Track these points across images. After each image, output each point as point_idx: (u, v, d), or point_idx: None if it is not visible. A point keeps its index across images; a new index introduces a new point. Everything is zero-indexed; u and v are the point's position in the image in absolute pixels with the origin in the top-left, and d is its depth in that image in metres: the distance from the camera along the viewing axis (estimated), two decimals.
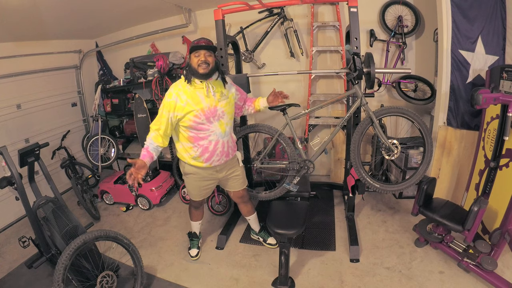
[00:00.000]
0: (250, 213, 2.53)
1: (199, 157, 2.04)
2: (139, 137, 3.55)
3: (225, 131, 2.04)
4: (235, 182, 2.31)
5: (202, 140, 2.00)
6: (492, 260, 1.96)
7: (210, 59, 1.92)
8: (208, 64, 1.91)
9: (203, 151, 2.02)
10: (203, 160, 2.05)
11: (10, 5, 2.37)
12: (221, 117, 2.01)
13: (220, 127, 2.01)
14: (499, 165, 2.00)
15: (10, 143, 3.15)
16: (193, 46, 1.90)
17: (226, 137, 2.06)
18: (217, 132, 2.00)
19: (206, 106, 1.95)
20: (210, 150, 2.02)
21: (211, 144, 2.01)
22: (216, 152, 2.04)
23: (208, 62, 1.90)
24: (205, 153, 2.02)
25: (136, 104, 3.48)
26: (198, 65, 1.89)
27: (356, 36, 2.28)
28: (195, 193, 2.29)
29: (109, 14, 3.35)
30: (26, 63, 3.42)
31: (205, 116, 1.95)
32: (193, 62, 1.92)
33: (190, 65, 1.93)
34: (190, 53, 1.93)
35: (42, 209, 2.19)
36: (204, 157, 2.04)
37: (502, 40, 2.47)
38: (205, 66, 1.90)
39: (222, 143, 2.05)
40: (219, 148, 2.04)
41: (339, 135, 3.39)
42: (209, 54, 1.92)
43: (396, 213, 2.91)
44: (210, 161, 2.06)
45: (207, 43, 1.92)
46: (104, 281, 1.99)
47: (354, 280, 2.15)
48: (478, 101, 1.83)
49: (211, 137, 2.00)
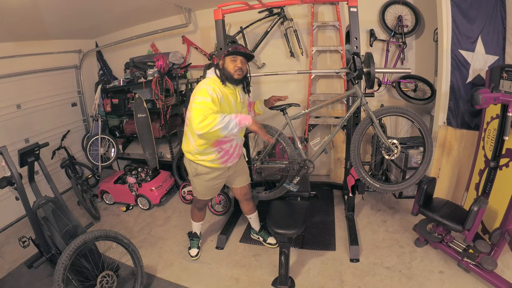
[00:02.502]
0: (251, 212, 2.54)
1: (218, 159, 2.07)
2: (139, 137, 3.55)
3: (242, 134, 2.18)
4: (241, 179, 2.35)
5: (225, 144, 2.04)
6: (492, 260, 1.96)
7: (245, 67, 1.98)
8: (243, 71, 1.96)
9: (224, 154, 2.07)
10: (221, 162, 2.10)
11: (10, 5, 2.37)
12: None
13: (240, 132, 2.07)
14: (499, 165, 2.00)
15: (10, 143, 3.15)
16: (233, 50, 1.92)
17: (240, 139, 2.17)
18: (237, 137, 2.09)
19: (235, 110, 2.01)
20: (231, 153, 2.10)
21: (232, 147, 2.09)
22: (233, 155, 2.13)
23: (243, 69, 1.96)
24: (225, 156, 2.08)
25: (136, 104, 3.48)
26: (234, 70, 1.93)
27: (356, 36, 2.28)
28: (204, 192, 2.29)
29: (109, 14, 3.35)
30: (26, 63, 3.42)
31: None
32: (228, 67, 1.93)
33: (225, 68, 1.94)
34: (226, 55, 1.94)
35: (42, 209, 2.19)
36: (223, 159, 2.09)
37: (502, 40, 2.47)
38: (240, 72, 1.95)
39: (237, 145, 2.14)
40: (236, 150, 2.14)
41: (339, 135, 3.39)
42: (245, 61, 1.98)
43: (396, 213, 2.91)
44: (226, 162, 2.13)
45: (245, 51, 1.96)
46: (104, 281, 1.99)
47: (354, 280, 2.15)
48: (478, 101, 1.83)
49: (234, 141, 2.07)
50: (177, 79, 3.64)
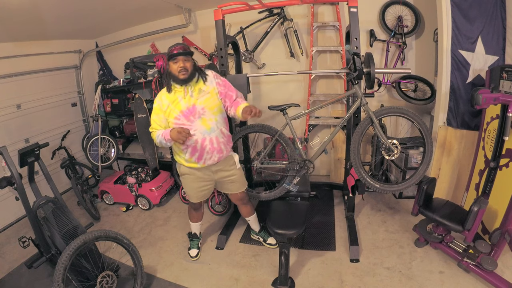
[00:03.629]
0: (249, 214, 2.53)
1: (190, 158, 2.07)
2: (139, 137, 3.55)
3: (210, 127, 2.03)
4: (233, 186, 2.31)
5: (188, 141, 2.01)
6: (492, 260, 1.96)
7: (188, 64, 1.97)
8: (187, 69, 1.96)
9: (192, 151, 2.04)
10: (195, 160, 2.07)
11: (10, 5, 2.37)
12: (202, 114, 2.01)
13: (203, 124, 2.01)
14: (499, 165, 2.00)
15: (10, 143, 3.15)
16: (170, 54, 1.94)
17: (213, 133, 2.04)
18: (200, 130, 2.01)
19: (184, 106, 2.00)
20: (198, 148, 2.03)
21: (198, 142, 2.02)
22: (205, 150, 2.04)
23: (186, 68, 1.95)
24: (195, 153, 2.05)
25: (136, 104, 3.48)
26: (178, 71, 1.95)
27: (356, 36, 2.28)
28: (192, 194, 2.29)
29: (109, 14, 3.35)
30: (26, 63, 3.42)
31: (184, 117, 2.00)
32: (172, 69, 1.97)
33: (171, 72, 1.99)
34: (168, 60, 1.97)
35: (42, 209, 2.19)
36: (195, 157, 2.06)
37: (502, 40, 2.47)
38: (184, 71, 1.95)
39: (210, 140, 2.03)
40: (208, 145, 2.03)
41: (339, 135, 3.39)
42: (186, 59, 1.96)
43: (396, 213, 2.91)
44: (202, 160, 2.07)
45: (183, 49, 1.96)
46: (104, 281, 1.99)
47: (354, 280, 2.15)
48: (478, 101, 1.83)
49: (195, 136, 2.01)
50: None
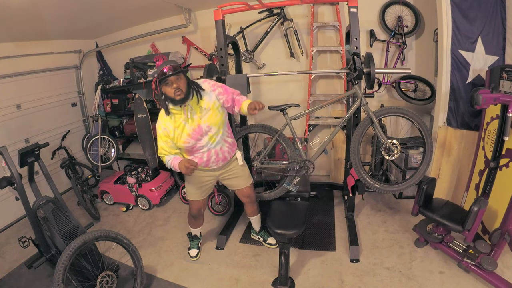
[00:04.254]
0: (254, 214, 2.53)
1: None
2: (139, 137, 3.55)
3: (215, 141, 2.06)
4: (236, 181, 2.33)
5: (196, 153, 2.09)
6: (492, 260, 1.96)
7: (181, 83, 1.85)
8: (181, 89, 1.84)
9: (199, 161, 2.09)
10: (202, 165, 2.13)
11: (10, 5, 2.37)
12: (208, 131, 2.01)
13: (210, 140, 2.04)
14: (499, 165, 2.00)
15: (10, 143, 3.15)
16: (161, 77, 1.82)
17: (218, 145, 2.08)
18: (208, 145, 2.06)
19: (190, 129, 1.97)
20: (205, 160, 2.11)
21: (204, 154, 2.09)
22: (211, 160, 2.12)
23: (180, 87, 1.84)
24: (201, 163, 2.11)
25: (136, 104, 3.48)
26: (173, 93, 1.84)
27: (356, 36, 2.28)
28: (192, 191, 2.29)
29: (109, 14, 3.35)
30: (26, 63, 3.42)
31: (192, 139, 1.99)
32: (167, 92, 1.86)
33: (166, 95, 1.88)
34: (160, 84, 1.86)
35: (42, 209, 2.19)
36: (201, 165, 2.12)
37: (502, 40, 2.47)
38: (179, 91, 1.84)
39: (215, 151, 2.10)
40: (213, 156, 2.11)
41: (339, 135, 3.39)
42: (178, 77, 1.84)
43: (396, 213, 2.91)
44: (208, 166, 2.16)
45: (173, 68, 1.82)
46: (104, 281, 1.99)
47: (354, 280, 2.15)
48: (478, 101, 1.83)
49: (203, 149, 2.07)
50: None
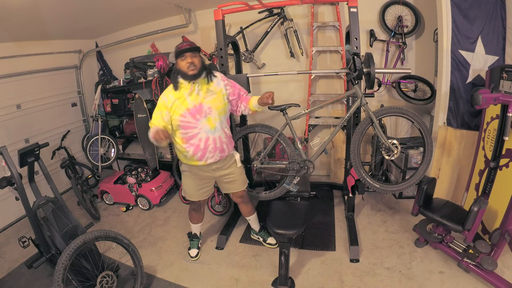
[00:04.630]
0: (250, 214, 2.53)
1: (192, 156, 2.08)
2: (139, 137, 3.55)
3: (214, 127, 2.05)
4: (233, 185, 2.32)
5: (192, 139, 2.04)
6: (492, 260, 1.96)
7: (196, 60, 1.99)
8: (195, 65, 1.97)
9: (195, 150, 2.05)
10: (197, 158, 2.09)
11: (10, 5, 2.37)
12: (208, 113, 2.03)
13: (208, 123, 2.03)
14: (499, 165, 2.00)
15: (10, 143, 3.15)
16: (178, 51, 1.98)
17: (217, 132, 2.06)
18: (205, 129, 2.03)
19: (191, 104, 2.01)
20: (202, 147, 2.05)
21: (202, 141, 2.04)
22: (208, 149, 2.06)
23: (194, 63, 1.97)
24: (198, 152, 2.05)
25: (136, 104, 3.48)
26: (187, 67, 1.97)
27: (356, 36, 2.28)
28: (191, 192, 2.28)
29: (109, 14, 3.35)
30: (26, 63, 3.42)
31: (190, 114, 2.00)
32: (181, 66, 1.99)
33: (180, 69, 2.01)
34: (176, 58, 2.01)
35: (42, 209, 2.19)
36: (197, 156, 2.07)
37: (502, 40, 2.47)
38: (193, 67, 1.97)
39: (214, 139, 2.06)
40: (211, 144, 2.06)
41: (339, 135, 3.39)
42: (194, 55, 1.99)
43: (396, 213, 2.91)
44: (204, 158, 2.09)
45: (190, 45, 1.99)
46: (104, 281, 1.99)
47: (354, 280, 2.15)
48: (478, 101, 1.83)
49: (200, 134, 2.03)
50: None
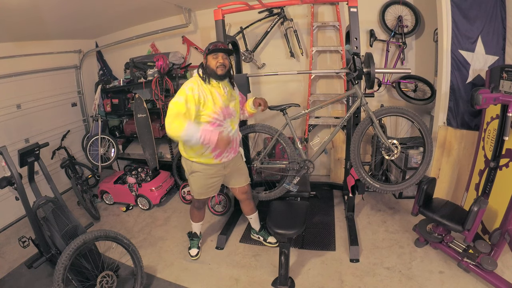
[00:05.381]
0: (252, 212, 2.54)
1: (210, 153, 2.08)
2: (139, 137, 3.55)
3: (234, 128, 2.16)
4: (240, 178, 2.35)
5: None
6: (492, 260, 1.96)
7: (227, 62, 2.03)
8: (225, 66, 2.01)
9: (215, 148, 2.02)
10: (214, 156, 2.10)
11: (10, 5, 2.37)
12: (233, 115, 2.14)
13: (231, 124, 2.13)
14: (499, 165, 2.00)
15: (10, 143, 3.15)
16: (213, 48, 2.00)
17: (235, 133, 2.19)
18: (228, 129, 2.10)
19: (223, 104, 2.04)
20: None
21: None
22: (227, 148, 2.09)
23: (225, 65, 2.00)
24: (216, 149, 2.06)
25: (136, 104, 3.48)
26: (216, 66, 1.98)
27: (356, 36, 2.28)
28: (200, 191, 2.28)
29: (109, 14, 3.35)
30: (26, 63, 3.42)
31: (223, 114, 2.04)
32: (211, 64, 2.00)
33: (208, 66, 2.01)
34: (207, 54, 2.01)
35: (42, 209, 2.19)
36: (215, 153, 2.09)
37: (502, 40, 2.47)
38: (223, 67, 1.99)
39: (234, 139, 2.16)
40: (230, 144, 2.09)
41: (339, 135, 3.39)
42: (226, 57, 2.03)
43: (396, 213, 2.91)
44: (220, 157, 2.13)
45: (225, 47, 2.04)
46: (104, 281, 1.99)
47: (354, 280, 2.15)
48: (478, 101, 1.83)
49: (224, 133, 2.05)
50: (177, 79, 3.64)
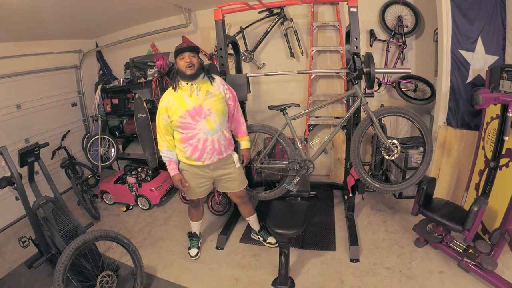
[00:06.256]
0: (250, 214, 2.53)
1: (190, 156, 2.10)
2: (139, 137, 3.55)
3: (213, 128, 2.06)
4: (231, 184, 2.32)
5: (191, 139, 2.06)
6: (492, 260, 1.96)
7: (194, 60, 2.02)
8: (194, 64, 2.01)
9: (193, 150, 2.07)
10: (195, 158, 2.11)
11: (10, 5, 2.37)
12: (208, 115, 2.05)
13: (207, 124, 2.05)
14: (499, 165, 2.00)
15: (10, 143, 3.15)
16: (177, 50, 2.02)
17: (215, 134, 2.08)
18: (204, 130, 2.05)
19: (191, 105, 2.02)
20: (200, 148, 2.07)
21: (200, 142, 2.06)
22: (206, 150, 2.08)
23: (193, 63, 2.01)
24: (196, 152, 2.07)
25: (136, 104, 3.48)
26: (185, 67, 2.00)
27: (356, 36, 2.28)
28: (190, 191, 2.28)
29: (109, 14, 3.35)
30: (26, 63, 3.42)
31: (189, 116, 2.02)
32: (180, 66, 2.03)
33: (178, 69, 2.04)
34: (175, 57, 2.04)
35: (42, 209, 2.19)
36: (195, 156, 2.09)
37: (502, 40, 2.47)
38: (191, 67, 2.00)
39: (212, 141, 2.07)
40: (209, 145, 2.07)
41: (339, 135, 3.39)
42: (193, 55, 2.03)
43: (396, 213, 2.91)
44: (202, 159, 2.11)
45: (189, 45, 2.04)
46: (104, 281, 1.99)
47: (354, 280, 2.15)
48: (478, 101, 1.83)
49: (199, 135, 2.05)
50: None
